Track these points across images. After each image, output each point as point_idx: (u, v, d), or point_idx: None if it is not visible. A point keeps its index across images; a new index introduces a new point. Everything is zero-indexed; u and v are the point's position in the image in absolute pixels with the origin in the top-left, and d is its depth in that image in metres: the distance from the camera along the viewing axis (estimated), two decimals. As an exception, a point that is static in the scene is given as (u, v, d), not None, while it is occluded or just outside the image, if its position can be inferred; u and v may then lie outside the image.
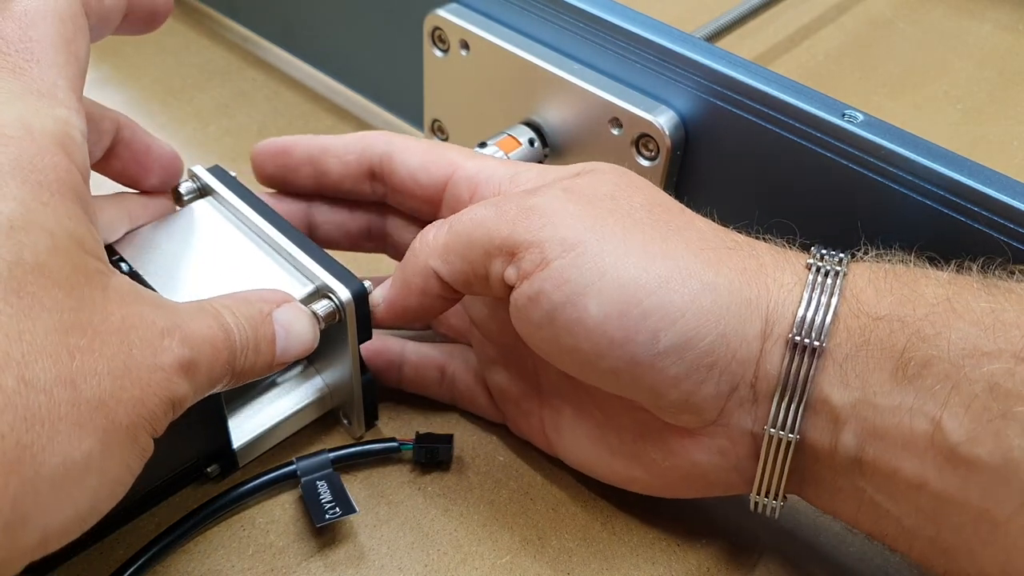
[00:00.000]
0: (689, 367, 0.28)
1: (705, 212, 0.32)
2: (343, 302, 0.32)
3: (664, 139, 0.37)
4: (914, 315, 0.27)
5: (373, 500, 0.35)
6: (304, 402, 0.36)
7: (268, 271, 0.34)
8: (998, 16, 0.65)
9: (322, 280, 0.33)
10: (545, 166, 0.34)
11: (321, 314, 0.32)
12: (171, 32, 0.60)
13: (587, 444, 0.34)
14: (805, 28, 0.63)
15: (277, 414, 0.36)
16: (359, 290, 0.33)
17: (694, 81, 0.36)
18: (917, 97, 0.57)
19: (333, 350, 0.35)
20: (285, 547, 0.34)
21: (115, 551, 0.33)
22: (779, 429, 0.28)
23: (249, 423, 0.35)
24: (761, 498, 0.30)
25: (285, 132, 0.52)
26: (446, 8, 0.43)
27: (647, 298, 0.28)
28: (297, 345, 0.30)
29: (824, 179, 0.35)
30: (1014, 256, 0.31)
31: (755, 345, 0.28)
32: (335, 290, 0.32)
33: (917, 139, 0.33)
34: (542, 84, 0.40)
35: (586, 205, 0.30)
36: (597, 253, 0.29)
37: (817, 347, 0.27)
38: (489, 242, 0.30)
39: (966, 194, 0.31)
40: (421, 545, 0.34)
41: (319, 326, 0.32)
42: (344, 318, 0.33)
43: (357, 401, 0.35)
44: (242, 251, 0.34)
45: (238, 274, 0.34)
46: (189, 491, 0.35)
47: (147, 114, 0.54)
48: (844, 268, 0.29)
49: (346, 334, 0.33)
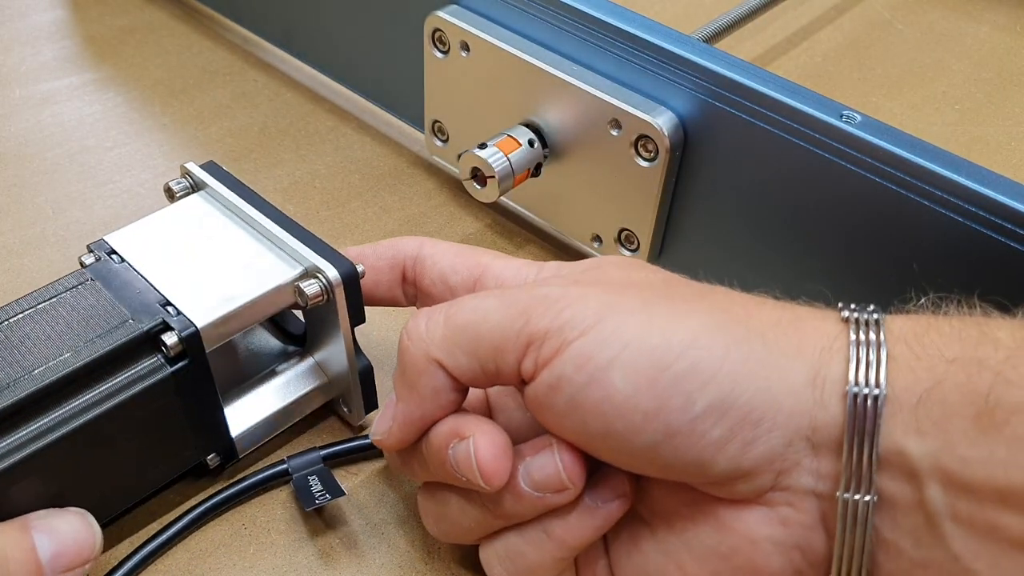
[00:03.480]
0: (732, 427, 0.25)
1: (704, 213, 0.32)
2: (330, 281, 0.32)
3: (663, 140, 0.37)
4: (994, 357, 0.24)
5: (373, 499, 0.35)
6: (302, 391, 0.36)
7: (258, 256, 0.34)
8: (996, 17, 0.65)
9: (311, 261, 0.33)
10: (563, 263, 0.32)
11: (309, 293, 0.32)
12: (173, 33, 0.60)
13: (635, 550, 0.29)
14: (803, 29, 0.63)
15: (275, 403, 0.36)
16: (348, 269, 0.33)
17: (693, 82, 0.37)
18: (915, 98, 0.57)
19: (328, 336, 0.35)
20: (286, 545, 0.34)
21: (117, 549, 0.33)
22: (852, 492, 0.25)
23: (247, 413, 0.35)
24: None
25: (287, 133, 0.53)
26: (446, 10, 0.43)
27: (676, 361, 0.26)
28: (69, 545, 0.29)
29: (823, 180, 0.35)
30: (1014, 256, 0.31)
31: (805, 394, 0.25)
32: (323, 270, 0.32)
33: (915, 140, 0.33)
34: (542, 85, 0.40)
35: (603, 286, 0.28)
36: (618, 325, 0.26)
37: (880, 392, 0.24)
38: (500, 336, 0.28)
39: (964, 195, 0.31)
40: (421, 543, 0.34)
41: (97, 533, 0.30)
42: (332, 298, 0.33)
43: (355, 388, 0.35)
44: (232, 239, 0.35)
45: (229, 262, 0.34)
46: (190, 488, 0.35)
47: (148, 115, 0.54)
48: (883, 315, 0.27)
49: (336, 319, 0.33)
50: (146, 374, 0.30)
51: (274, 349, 0.38)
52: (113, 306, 0.31)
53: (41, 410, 0.29)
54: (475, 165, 0.40)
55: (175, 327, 0.31)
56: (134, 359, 0.31)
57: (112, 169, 0.50)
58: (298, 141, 0.53)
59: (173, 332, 0.31)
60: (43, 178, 0.49)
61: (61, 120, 0.53)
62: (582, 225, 0.43)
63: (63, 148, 0.51)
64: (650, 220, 0.40)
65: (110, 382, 0.30)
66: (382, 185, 0.50)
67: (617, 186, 0.40)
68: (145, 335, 0.30)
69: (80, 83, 0.56)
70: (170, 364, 0.31)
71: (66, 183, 0.49)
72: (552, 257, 0.46)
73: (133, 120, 0.54)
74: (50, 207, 0.48)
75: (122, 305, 0.31)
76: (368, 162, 0.51)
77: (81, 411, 0.29)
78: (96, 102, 0.55)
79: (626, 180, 0.39)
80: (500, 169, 0.40)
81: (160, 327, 0.31)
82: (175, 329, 0.31)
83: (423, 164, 0.51)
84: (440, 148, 0.48)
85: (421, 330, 0.29)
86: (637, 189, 0.39)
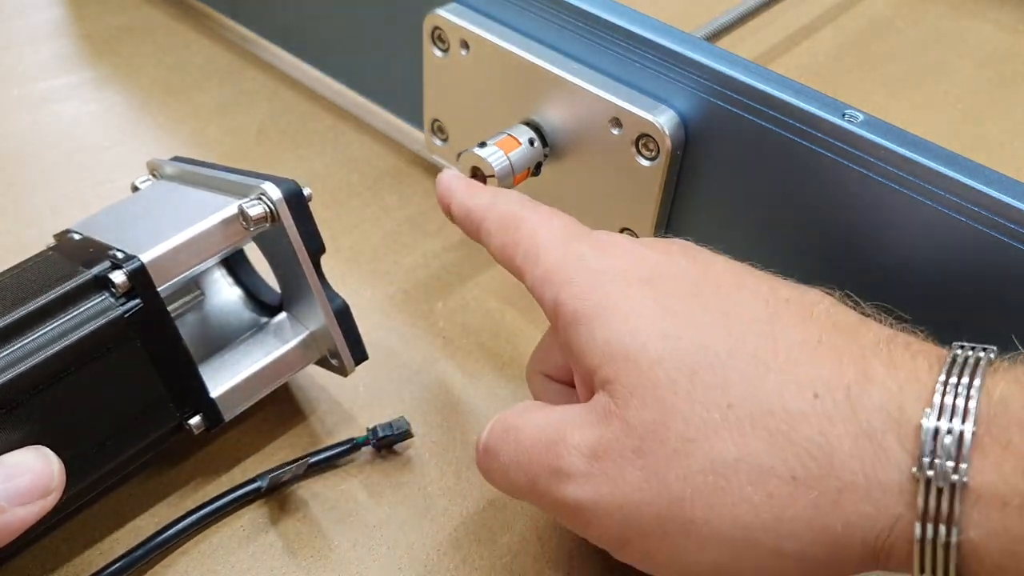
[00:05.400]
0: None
1: (705, 212, 0.32)
2: (273, 200, 0.32)
3: (664, 139, 0.37)
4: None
5: (373, 500, 0.35)
6: (282, 347, 0.36)
7: (207, 199, 0.34)
8: (998, 16, 0.65)
9: (254, 188, 0.33)
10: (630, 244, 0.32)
11: (252, 215, 0.32)
12: (171, 32, 0.60)
13: None
14: (805, 28, 0.63)
15: (255, 360, 0.35)
16: (291, 188, 0.32)
17: (694, 81, 0.36)
18: (917, 97, 0.57)
19: (292, 277, 0.35)
20: (284, 547, 0.34)
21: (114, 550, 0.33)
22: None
23: (225, 372, 0.35)
24: None
25: (285, 132, 0.53)
26: (446, 8, 0.43)
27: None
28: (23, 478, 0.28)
29: (825, 179, 0.35)
30: (1016, 256, 0.31)
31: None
32: (265, 191, 0.32)
33: (917, 139, 0.33)
34: (542, 84, 0.40)
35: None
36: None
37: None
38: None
39: (967, 194, 0.31)
40: (421, 545, 0.34)
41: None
42: (279, 220, 0.32)
43: (333, 330, 0.35)
44: (183, 196, 0.35)
45: (178, 211, 0.34)
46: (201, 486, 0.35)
47: (147, 114, 0.54)
48: (987, 356, 0.25)
49: (290, 245, 0.33)
50: (95, 314, 0.30)
51: (248, 320, 0.38)
52: (66, 264, 0.31)
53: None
54: (475, 164, 0.40)
55: (121, 265, 0.31)
56: (83, 300, 0.30)
57: (110, 168, 0.50)
58: (297, 140, 0.52)
59: (120, 270, 0.30)
60: (41, 177, 0.49)
61: (59, 119, 0.53)
62: (582, 224, 0.43)
63: (61, 147, 0.51)
64: (651, 220, 0.40)
65: (58, 323, 0.30)
66: (381, 184, 0.50)
67: (618, 185, 0.40)
68: (93, 277, 0.31)
69: (78, 82, 0.56)
70: (121, 303, 0.31)
71: (64, 182, 0.49)
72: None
73: (131, 119, 0.53)
74: (48, 207, 0.47)
75: (74, 262, 0.31)
76: (367, 161, 0.51)
77: (29, 353, 0.29)
78: (94, 101, 0.54)
79: (627, 179, 0.39)
80: (500, 168, 0.40)
81: (107, 268, 0.31)
82: (122, 267, 0.31)
83: (423, 163, 0.51)
84: (440, 147, 0.47)
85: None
86: (638, 188, 0.39)
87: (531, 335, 0.42)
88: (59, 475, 0.29)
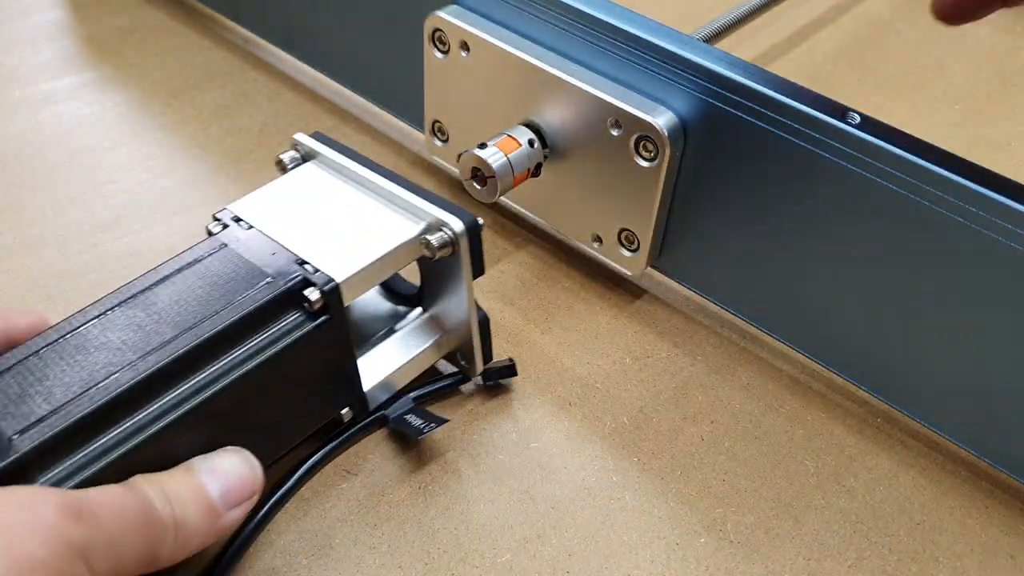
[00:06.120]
0: None
1: (705, 213, 0.32)
2: (456, 233, 0.34)
3: (663, 140, 0.37)
4: None
5: (373, 499, 0.35)
6: (423, 345, 0.38)
7: (381, 214, 0.35)
8: (996, 17, 0.65)
9: (435, 215, 0.34)
10: None
11: (436, 244, 0.33)
12: (173, 33, 0.60)
13: None
14: (804, 29, 0.63)
15: (399, 358, 0.37)
16: (472, 221, 0.34)
17: (693, 82, 0.37)
18: (915, 98, 0.57)
19: (446, 290, 0.36)
20: (284, 547, 0.34)
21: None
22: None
23: (374, 368, 0.37)
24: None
25: (286, 133, 0.53)
26: (446, 10, 0.43)
27: None
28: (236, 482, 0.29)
29: (823, 180, 0.35)
30: (1015, 256, 0.31)
31: None
32: (448, 222, 0.34)
33: (915, 140, 0.33)
34: (542, 85, 0.40)
35: None
36: None
37: None
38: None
39: (965, 195, 0.31)
40: (421, 543, 0.34)
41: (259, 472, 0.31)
42: (458, 251, 0.34)
43: (475, 339, 0.37)
44: (352, 200, 0.36)
45: (353, 221, 0.35)
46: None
47: (148, 115, 0.54)
48: None
49: (460, 270, 0.35)
50: (290, 329, 0.31)
51: (387, 311, 0.39)
52: (252, 268, 0.32)
53: (197, 366, 0.30)
54: (475, 165, 0.40)
55: (316, 283, 0.31)
56: (279, 315, 0.31)
57: (112, 169, 0.50)
58: (298, 141, 0.52)
59: (315, 288, 0.31)
60: (42, 178, 0.49)
61: (60, 120, 0.53)
62: (582, 225, 0.43)
63: (62, 148, 0.51)
64: (650, 220, 0.40)
65: (258, 338, 0.31)
66: (382, 185, 0.50)
67: (617, 186, 0.40)
68: (287, 292, 0.31)
69: (80, 83, 0.56)
70: (312, 319, 0.32)
71: (65, 183, 0.49)
72: (552, 257, 0.46)
73: (133, 120, 0.53)
74: (50, 207, 0.47)
75: (260, 266, 0.32)
76: (368, 162, 0.51)
77: (233, 367, 0.30)
78: (96, 102, 0.55)
79: (626, 180, 0.39)
80: (500, 169, 0.40)
81: (301, 283, 0.32)
82: (316, 285, 0.31)
83: (423, 164, 0.51)
84: (440, 148, 0.48)
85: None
86: (637, 189, 0.39)
87: (531, 335, 0.42)
88: (261, 478, 0.31)
